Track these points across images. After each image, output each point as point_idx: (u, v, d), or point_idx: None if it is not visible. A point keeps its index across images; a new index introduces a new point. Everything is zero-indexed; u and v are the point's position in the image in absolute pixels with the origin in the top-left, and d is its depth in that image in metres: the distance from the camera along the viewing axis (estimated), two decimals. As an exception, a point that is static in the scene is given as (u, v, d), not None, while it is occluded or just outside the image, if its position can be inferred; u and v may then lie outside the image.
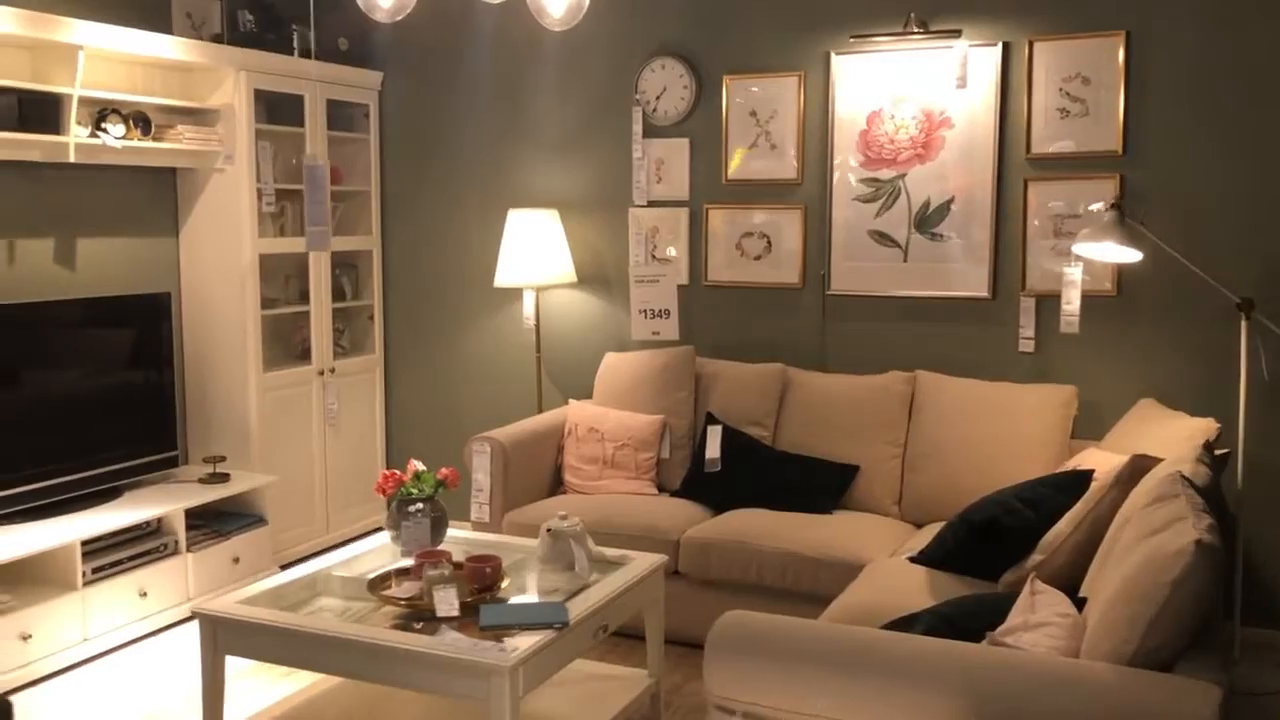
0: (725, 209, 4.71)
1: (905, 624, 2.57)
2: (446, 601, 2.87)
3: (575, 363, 5.05)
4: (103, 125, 4.12)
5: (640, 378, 4.55)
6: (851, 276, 4.52)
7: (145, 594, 4.07)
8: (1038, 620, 2.32)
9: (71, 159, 4.01)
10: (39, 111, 3.93)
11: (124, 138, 4.18)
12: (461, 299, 5.27)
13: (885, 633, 2.29)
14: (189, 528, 4.28)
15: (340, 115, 5.17)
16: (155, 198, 4.68)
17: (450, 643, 2.64)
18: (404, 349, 5.44)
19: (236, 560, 4.48)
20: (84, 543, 3.85)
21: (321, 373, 5.09)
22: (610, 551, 3.35)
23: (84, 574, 3.85)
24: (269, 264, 4.84)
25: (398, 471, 3.36)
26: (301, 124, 4.91)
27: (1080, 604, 2.49)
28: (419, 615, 2.93)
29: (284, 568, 4.78)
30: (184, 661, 3.88)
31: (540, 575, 3.25)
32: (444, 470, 3.41)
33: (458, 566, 3.07)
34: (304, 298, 5.08)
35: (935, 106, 4.32)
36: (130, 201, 4.56)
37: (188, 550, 4.26)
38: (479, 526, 4.22)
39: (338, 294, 5.20)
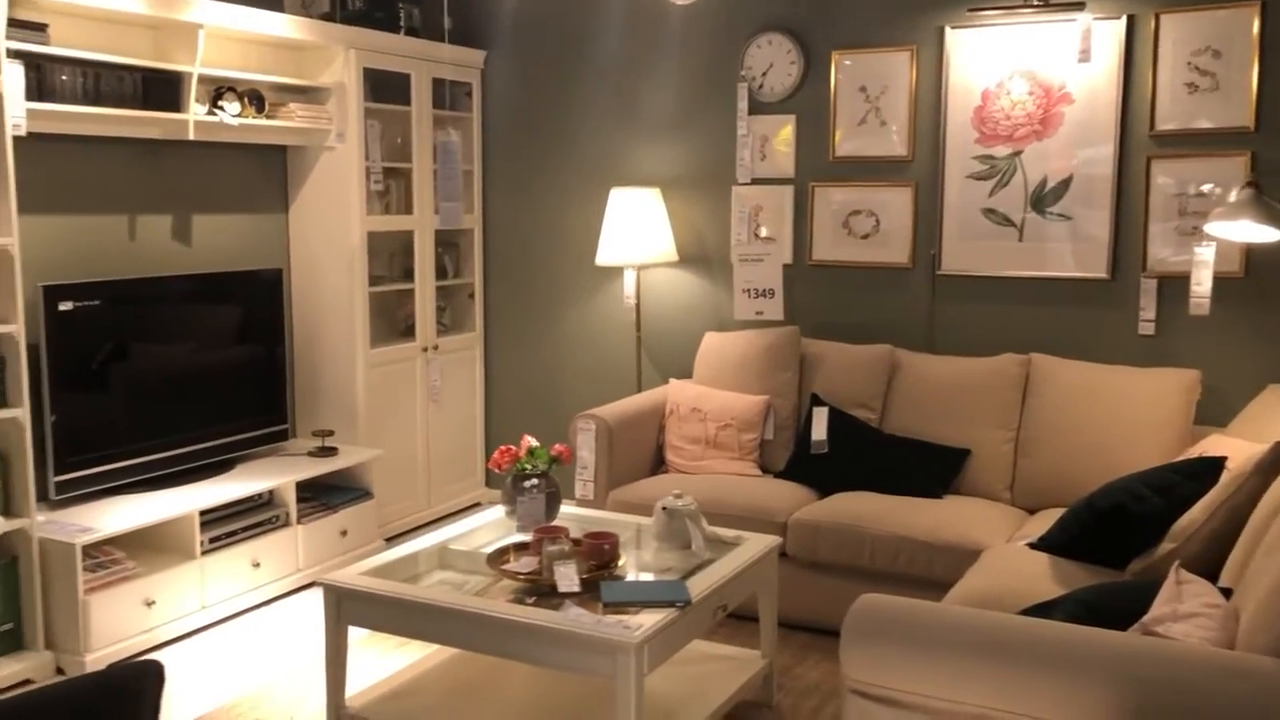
0: (832, 187, 4.64)
1: (1043, 611, 2.51)
2: (567, 577, 2.87)
3: (674, 342, 5.03)
4: (219, 103, 4.18)
5: (744, 358, 4.52)
6: (963, 256, 4.42)
7: (258, 564, 4.15)
8: (1187, 610, 2.24)
9: (191, 136, 4.08)
10: (160, 90, 4.00)
11: (239, 115, 4.24)
12: (561, 277, 5.28)
13: (1031, 619, 2.23)
14: (299, 500, 4.35)
15: (443, 94, 5.19)
16: (266, 175, 4.75)
17: (574, 619, 2.64)
18: (503, 327, 5.47)
19: (344, 533, 4.55)
20: (202, 513, 3.94)
21: (425, 349, 5.13)
22: (725, 531, 3.32)
23: (202, 543, 3.94)
24: (374, 242, 4.89)
25: (513, 447, 3.37)
26: (406, 102, 4.94)
27: (1224, 594, 2.40)
28: (538, 590, 2.94)
29: (388, 541, 4.85)
30: (297, 632, 3.95)
31: (655, 553, 3.24)
32: (558, 446, 3.41)
33: (575, 543, 3.07)
34: (408, 275, 5.13)
35: (1054, 81, 4.20)
36: (243, 179, 4.63)
37: (298, 522, 4.34)
38: (583, 503, 4.22)
39: (439, 272, 5.24)
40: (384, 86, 4.91)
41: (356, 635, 3.85)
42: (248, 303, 4.46)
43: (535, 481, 3.32)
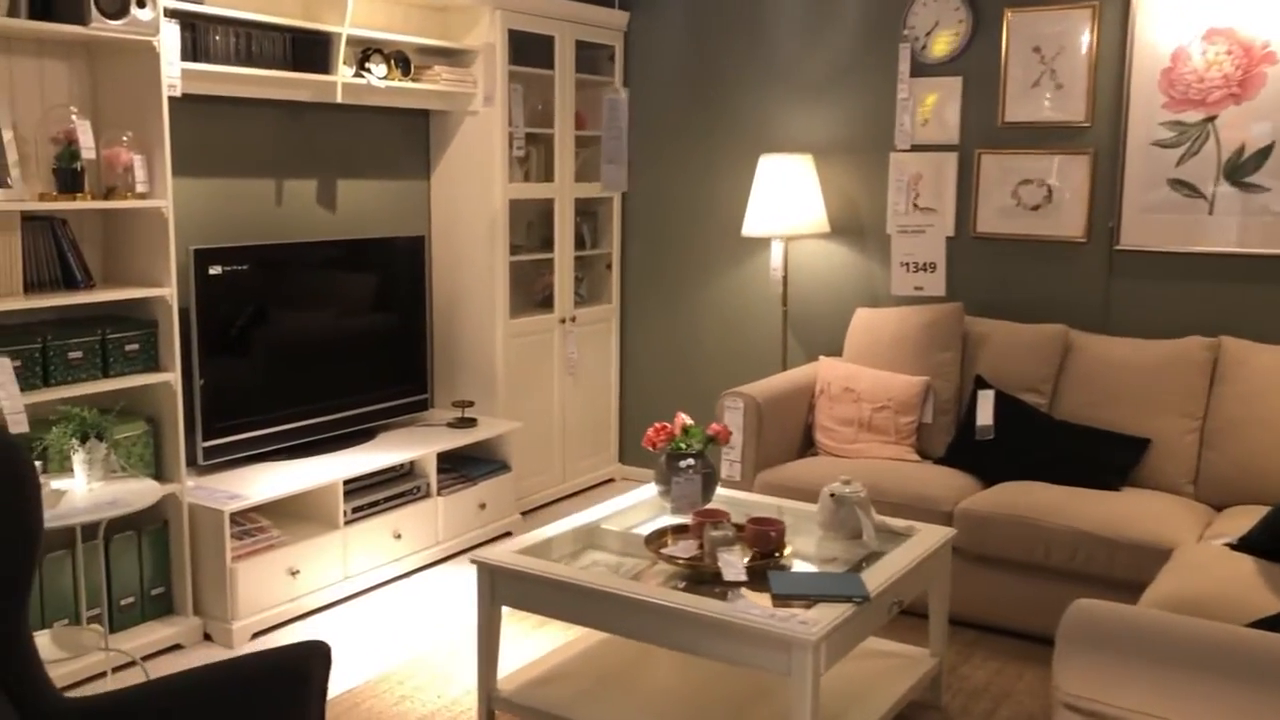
0: (1000, 154, 4.34)
1: (1275, 623, 2.25)
2: (732, 565, 2.70)
3: (822, 317, 4.80)
4: (366, 65, 4.10)
5: (901, 336, 4.27)
6: (1145, 230, 4.09)
7: (400, 536, 4.08)
8: None
9: (339, 99, 4.00)
10: (309, 51, 3.93)
11: (385, 78, 4.15)
12: (703, 248, 5.09)
13: (1275, 635, 1.98)
14: (439, 471, 4.27)
15: (585, 57, 5.03)
16: (409, 140, 4.67)
17: (746, 611, 2.47)
18: (640, 299, 5.31)
19: (483, 506, 4.46)
20: (345, 482, 3.89)
21: (563, 321, 5.01)
22: (895, 521, 3.11)
23: (345, 513, 3.89)
24: (512, 210, 4.77)
25: (668, 424, 3.21)
26: (549, 66, 4.80)
27: None
28: (699, 577, 2.78)
29: (525, 515, 4.76)
30: (439, 606, 3.87)
31: (819, 542, 3.05)
32: (715, 426, 3.24)
33: (737, 528, 2.90)
34: (545, 245, 5.01)
35: (1256, 39, 3.83)
36: (386, 144, 4.56)
37: (438, 494, 4.26)
38: (728, 484, 4.04)
39: (577, 242, 5.10)
40: (526, 49, 4.78)
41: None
42: (390, 270, 4.39)
43: (691, 462, 3.16)
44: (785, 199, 4.51)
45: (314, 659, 1.94)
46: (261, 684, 1.91)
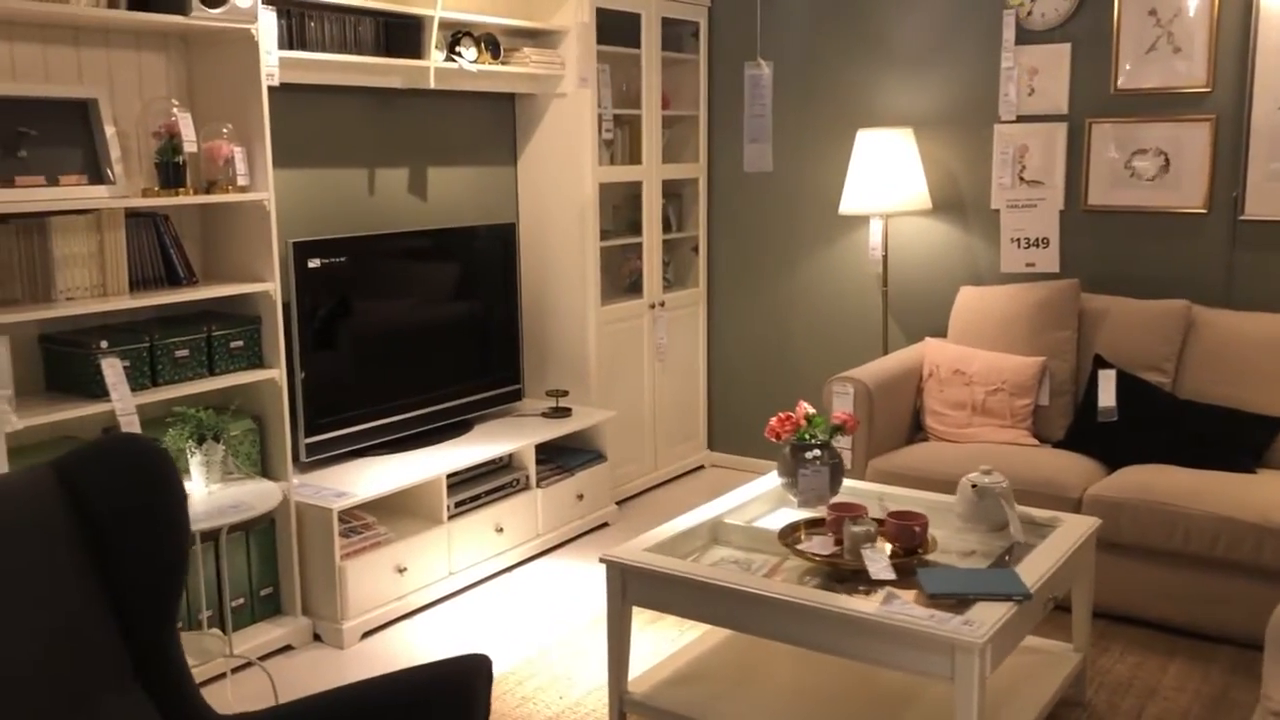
0: (1113, 123, 4.15)
1: None
2: (879, 563, 2.58)
3: (922, 297, 4.64)
4: (456, 49, 3.99)
5: (1012, 315, 4.11)
6: (1272, 199, 3.89)
7: (501, 529, 4.00)
8: None
9: (432, 84, 3.90)
10: (399, 36, 3.83)
11: (476, 61, 4.04)
12: (793, 228, 4.94)
13: None
14: (535, 463, 4.19)
15: (668, 35, 4.89)
16: (496, 125, 4.56)
17: (905, 612, 2.35)
18: (728, 282, 5.18)
19: (580, 497, 4.37)
20: (447, 477, 3.81)
21: (652, 306, 4.90)
22: (1038, 512, 2.97)
23: (448, 508, 3.81)
24: (600, 194, 4.66)
25: (792, 414, 3.09)
26: (635, 44, 4.67)
27: None
28: (839, 574, 2.67)
29: (619, 504, 4.66)
30: (545, 602, 3.79)
31: (957, 535, 2.92)
32: (840, 414, 3.11)
33: (877, 522, 2.78)
34: (631, 229, 4.89)
35: (1397, -7, 3.62)
36: (473, 130, 4.46)
37: (537, 485, 4.17)
38: (838, 473, 3.91)
39: (663, 225, 4.98)
40: (611, 28, 4.65)
41: (603, 608, 3.66)
42: (482, 259, 4.29)
43: (818, 453, 3.03)
44: (885, 175, 4.35)
45: (478, 675, 1.85)
46: (426, 700, 1.82)
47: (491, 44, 4.13)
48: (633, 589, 2.74)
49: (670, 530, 2.93)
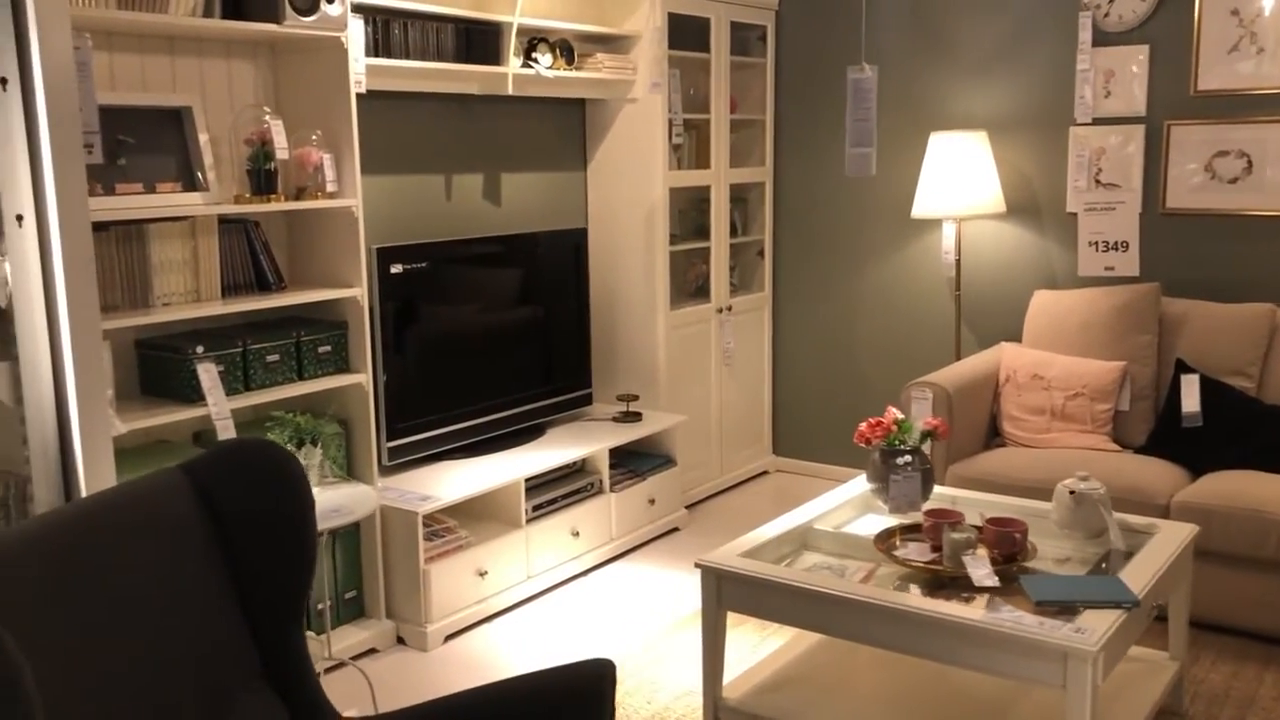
0: (1193, 125, 4.10)
1: None
2: (981, 570, 2.56)
3: (994, 301, 4.61)
4: (533, 55, 4.01)
5: (1090, 319, 4.07)
6: (1361, 201, 3.84)
7: (577, 534, 4.01)
8: None
9: (510, 90, 3.92)
10: (479, 42, 3.86)
11: (551, 67, 4.06)
12: (860, 232, 4.92)
13: None
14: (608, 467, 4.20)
15: (736, 39, 4.89)
16: (566, 131, 4.58)
17: (1016, 619, 2.33)
18: (793, 286, 5.17)
19: (652, 501, 4.37)
20: (525, 480, 3.82)
21: (720, 310, 4.89)
22: (1135, 519, 2.94)
23: (526, 511, 3.82)
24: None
25: (881, 419, 3.07)
26: (703, 49, 4.67)
27: None
28: (937, 581, 2.65)
29: (689, 508, 4.66)
30: (625, 605, 3.79)
31: (1054, 542, 2.89)
32: (930, 419, 3.10)
33: (975, 529, 2.76)
34: (698, 233, 4.89)
35: None
36: (545, 135, 4.47)
37: (610, 490, 4.18)
38: (916, 478, 3.89)
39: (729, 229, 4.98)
40: (680, 33, 4.65)
41: (682, 612, 3.66)
42: (554, 264, 4.30)
43: (909, 459, 3.02)
44: (958, 178, 4.32)
45: (604, 679, 1.85)
46: (556, 706, 1.82)
47: (566, 50, 4.15)
48: (728, 594, 2.74)
49: (761, 536, 2.92)
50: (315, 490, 2.96)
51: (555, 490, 3.98)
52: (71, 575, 1.62)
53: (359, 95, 3.38)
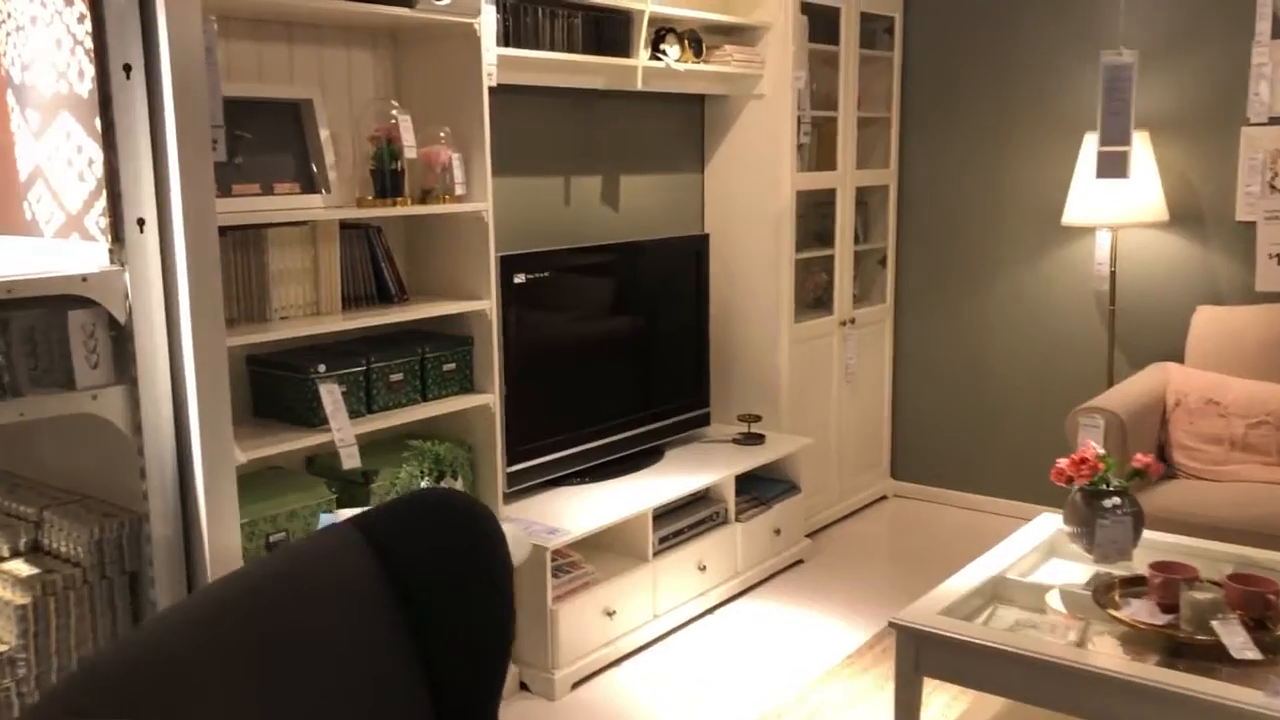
0: (1390, 126, 3.71)
1: None
2: (1237, 638, 2.20)
3: (1147, 317, 4.22)
4: (660, 47, 3.69)
5: (1270, 338, 3.69)
6: None
7: (704, 568, 3.68)
8: None
9: (639, 85, 3.60)
10: (608, 33, 3.54)
11: (679, 60, 3.74)
12: (995, 240, 4.56)
13: None
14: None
15: (862, 31, 4.54)
16: (685, 130, 4.26)
17: (1303, 705, 1.97)
18: (917, 298, 4.81)
19: (778, 532, 4.04)
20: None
21: (843, 323, 4.55)
22: (1389, 574, 2.56)
23: (653, 544, 3.50)
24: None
25: (1084, 454, 2.72)
26: (833, 41, 4.33)
27: None
28: (1175, 648, 2.29)
29: (809, 536, 4.32)
30: (762, 649, 3.45)
31: (1291, 599, 2.53)
32: (1141, 457, 2.74)
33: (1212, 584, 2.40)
34: (818, 240, 4.55)
35: None
36: (662, 134, 4.15)
37: (736, 519, 3.85)
38: (1080, 513, 3.53)
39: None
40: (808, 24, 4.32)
41: (829, 659, 3.32)
42: (674, 273, 3.98)
43: (1118, 501, 2.66)
44: (1116, 183, 3.95)
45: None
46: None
47: (695, 41, 3.83)
48: (927, 658, 2.40)
49: (954, 590, 2.58)
50: (455, 530, 2.66)
51: (681, 520, 3.66)
52: (245, 656, 1.32)
53: (493, 88, 3.07)
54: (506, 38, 3.21)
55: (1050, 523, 3.03)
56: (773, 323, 4.24)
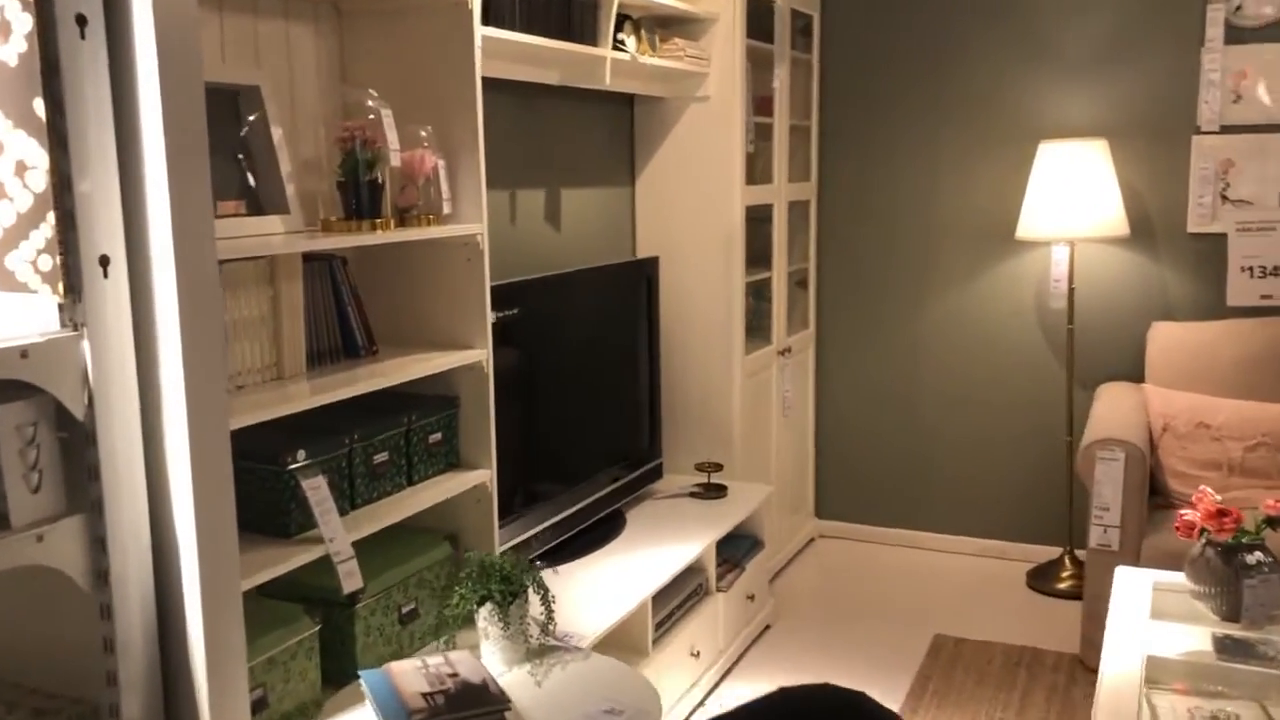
0: (1344, 136, 3.67)
1: None
2: None
3: (1097, 335, 4.03)
4: (619, 37, 3.10)
5: (1245, 355, 3.55)
6: None
7: (697, 653, 3.11)
8: None
9: (607, 81, 2.99)
10: (577, 19, 2.92)
11: (637, 52, 3.17)
12: (925, 259, 4.25)
13: None
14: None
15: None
16: (611, 136, 3.67)
17: None
18: (840, 322, 4.44)
19: (751, 597, 3.52)
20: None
21: (781, 353, 4.10)
22: None
23: (651, 634, 2.89)
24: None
25: (1219, 505, 2.37)
26: (768, 38, 3.87)
27: None
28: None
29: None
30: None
31: None
32: (1272, 503, 2.42)
33: None
34: (756, 261, 4.07)
35: None
36: (591, 139, 3.55)
37: (717, 589, 3.30)
38: (1102, 553, 3.24)
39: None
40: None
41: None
42: (622, 305, 3.39)
43: (1261, 556, 2.33)
44: (1074, 194, 3.72)
45: None
46: None
47: (650, 33, 3.26)
48: (1135, 776, 1.95)
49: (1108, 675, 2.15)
50: (521, 668, 1.95)
51: (670, 600, 3.07)
52: None
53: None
54: (485, 15, 2.52)
55: (1134, 578, 2.68)
56: (724, 356, 3.73)
